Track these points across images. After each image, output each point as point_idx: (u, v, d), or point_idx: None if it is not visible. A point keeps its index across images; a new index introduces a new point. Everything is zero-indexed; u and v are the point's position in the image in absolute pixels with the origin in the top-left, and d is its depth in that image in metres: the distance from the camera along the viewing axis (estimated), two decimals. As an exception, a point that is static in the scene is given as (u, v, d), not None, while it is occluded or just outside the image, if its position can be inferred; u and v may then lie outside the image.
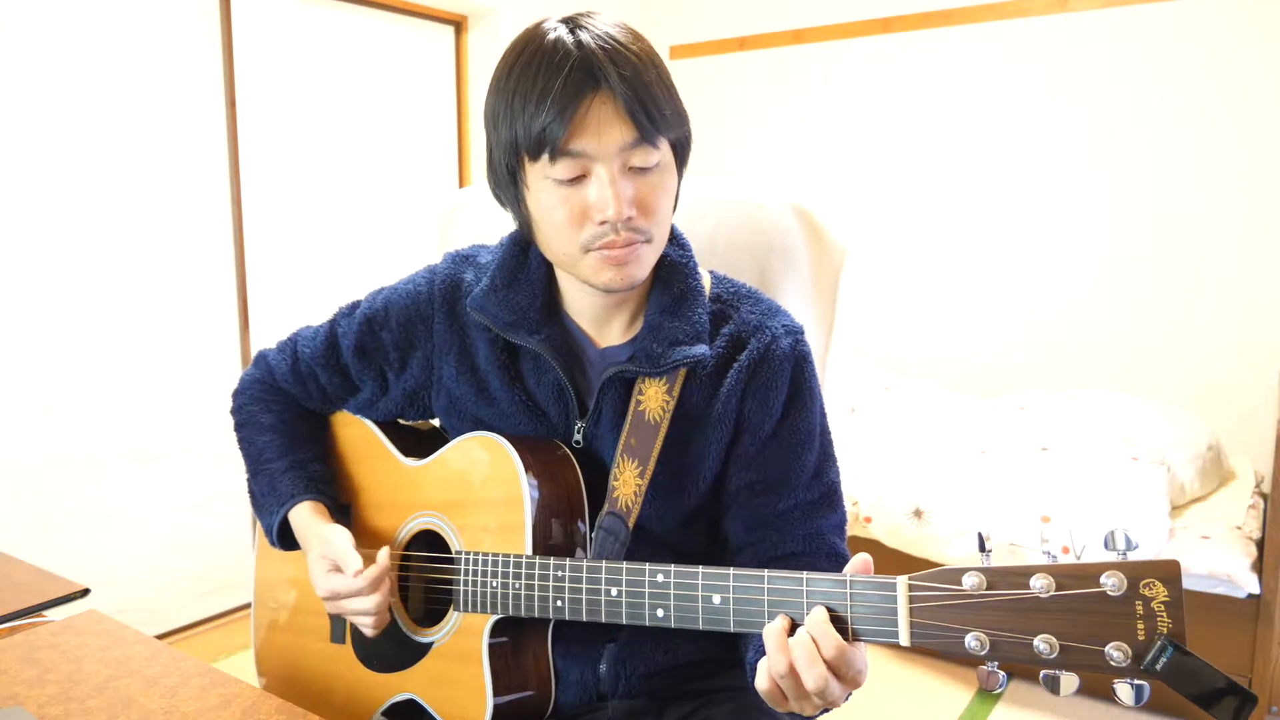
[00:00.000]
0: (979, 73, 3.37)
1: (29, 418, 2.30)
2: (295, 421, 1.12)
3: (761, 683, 0.76)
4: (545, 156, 0.84)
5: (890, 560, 2.53)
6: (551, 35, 0.84)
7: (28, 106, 2.25)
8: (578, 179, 0.85)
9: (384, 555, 0.94)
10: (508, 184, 0.91)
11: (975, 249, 3.46)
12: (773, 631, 0.74)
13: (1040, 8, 3.21)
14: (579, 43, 0.83)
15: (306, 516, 1.02)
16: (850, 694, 0.78)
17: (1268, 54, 2.87)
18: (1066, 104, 3.22)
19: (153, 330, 2.53)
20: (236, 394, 1.15)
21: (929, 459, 2.64)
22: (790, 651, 0.73)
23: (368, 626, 0.95)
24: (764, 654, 0.75)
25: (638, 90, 0.83)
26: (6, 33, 2.20)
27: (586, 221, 0.86)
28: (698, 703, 0.98)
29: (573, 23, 0.86)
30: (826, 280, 1.18)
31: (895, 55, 3.53)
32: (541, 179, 0.86)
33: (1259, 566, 2.11)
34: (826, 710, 0.79)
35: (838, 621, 0.73)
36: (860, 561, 0.75)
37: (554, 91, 0.81)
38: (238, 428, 1.13)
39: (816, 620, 0.72)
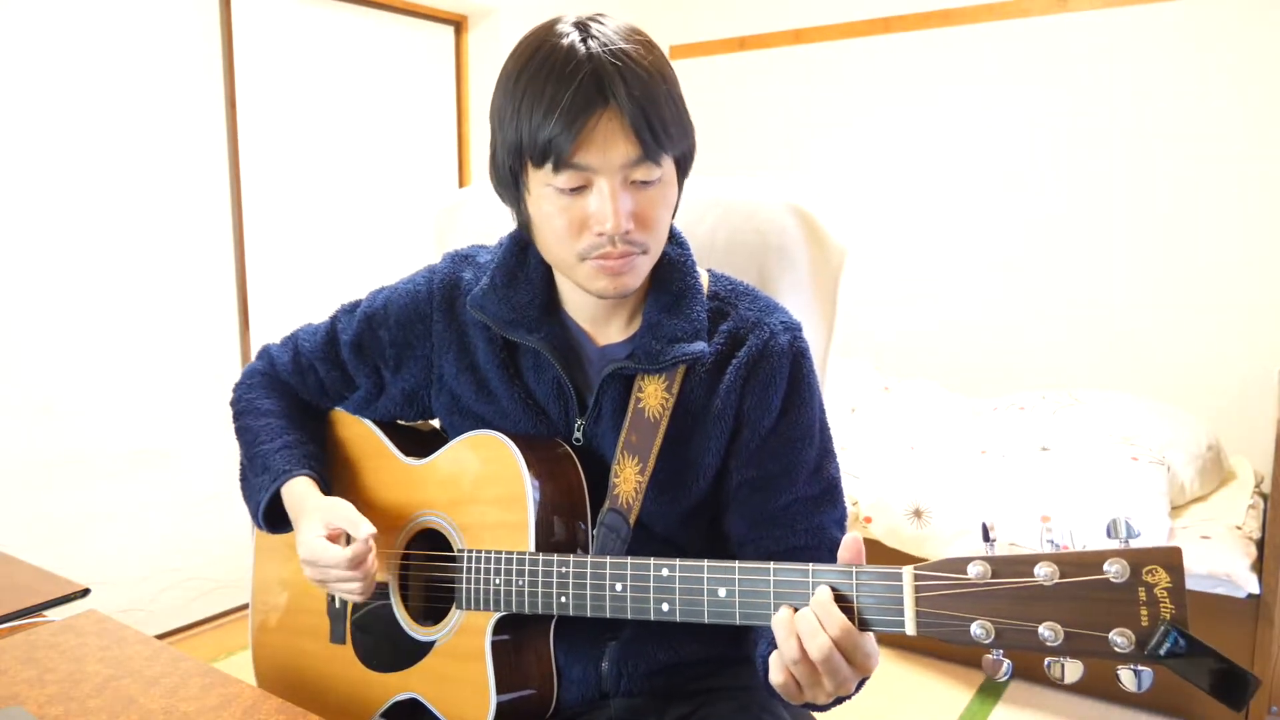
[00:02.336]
0: (979, 73, 3.37)
1: (29, 418, 2.30)
2: (294, 410, 1.11)
3: (775, 676, 0.77)
4: (549, 165, 0.84)
5: (890, 560, 2.53)
6: (564, 41, 0.83)
7: (28, 106, 2.25)
8: (579, 189, 0.85)
9: (366, 528, 0.93)
10: (509, 184, 0.91)
11: (975, 249, 3.46)
12: (781, 622, 0.75)
13: (1040, 8, 3.22)
14: (590, 54, 0.82)
15: (302, 489, 1.00)
16: (862, 683, 0.78)
17: (1267, 53, 2.87)
18: (1066, 104, 3.22)
19: (153, 330, 2.53)
20: (238, 385, 1.15)
21: (929, 459, 2.64)
22: (796, 625, 0.73)
23: (353, 595, 0.94)
24: (775, 646, 0.76)
25: (645, 108, 0.82)
26: (6, 33, 2.20)
27: (585, 231, 0.86)
28: (699, 701, 0.98)
29: (585, 29, 0.84)
30: (826, 280, 1.18)
31: (895, 55, 3.53)
32: (543, 185, 0.86)
33: (1259, 566, 2.10)
34: (839, 702, 0.79)
35: (845, 612, 0.73)
36: (853, 544, 0.76)
37: (562, 103, 0.81)
38: (236, 416, 1.12)
39: (820, 600, 0.73)
